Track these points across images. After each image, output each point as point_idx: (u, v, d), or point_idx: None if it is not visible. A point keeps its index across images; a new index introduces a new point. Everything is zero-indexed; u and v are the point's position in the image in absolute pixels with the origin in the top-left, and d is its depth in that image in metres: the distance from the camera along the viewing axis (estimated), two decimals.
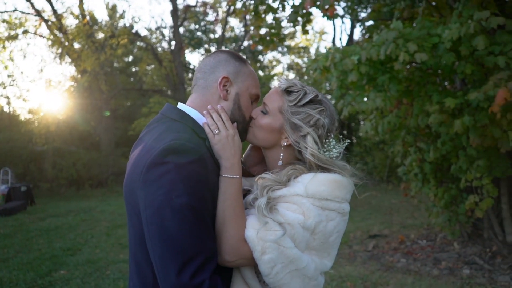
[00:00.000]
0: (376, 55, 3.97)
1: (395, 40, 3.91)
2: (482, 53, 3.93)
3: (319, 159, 1.23)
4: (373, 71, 4.21)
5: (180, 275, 1.00)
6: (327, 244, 1.19)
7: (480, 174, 4.89)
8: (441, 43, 3.95)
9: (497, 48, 3.92)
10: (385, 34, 4.01)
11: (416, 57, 3.82)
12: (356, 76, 4.12)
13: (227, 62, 1.27)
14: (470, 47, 3.93)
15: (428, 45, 3.86)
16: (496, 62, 3.86)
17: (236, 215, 1.12)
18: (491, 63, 3.90)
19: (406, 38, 3.92)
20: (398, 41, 3.88)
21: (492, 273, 4.73)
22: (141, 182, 1.07)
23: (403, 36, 3.90)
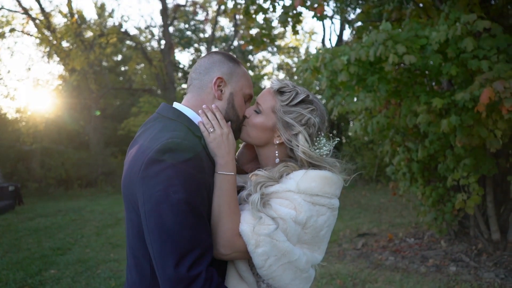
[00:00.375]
0: (366, 55, 4.04)
1: (384, 42, 3.98)
2: (467, 56, 4.03)
3: (310, 156, 1.27)
4: (362, 71, 4.27)
5: (177, 267, 1.04)
6: (318, 238, 1.24)
7: (466, 173, 5.00)
8: (429, 45, 4.03)
9: (481, 52, 4.02)
10: (374, 35, 4.08)
11: (405, 59, 3.90)
12: (346, 76, 4.18)
13: (221, 63, 1.31)
14: (457, 49, 4.02)
15: (416, 47, 3.94)
16: (479, 66, 3.96)
17: (231, 210, 1.17)
18: (475, 66, 4.00)
19: (395, 40, 3.99)
20: (387, 42, 3.95)
21: (477, 270, 4.84)
22: (140, 179, 1.11)
23: (392, 38, 3.97)
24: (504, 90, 3.51)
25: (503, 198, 5.91)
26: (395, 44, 3.93)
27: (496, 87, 3.53)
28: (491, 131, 4.23)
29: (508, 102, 3.54)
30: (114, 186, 15.76)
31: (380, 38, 3.97)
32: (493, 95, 3.51)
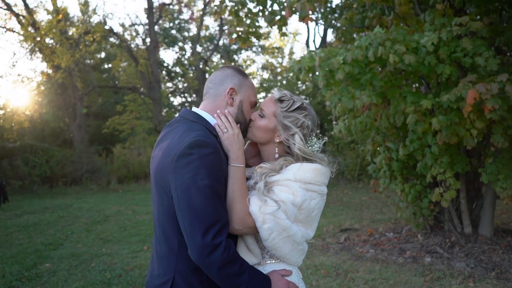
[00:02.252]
0: (361, 56, 4.31)
1: (383, 43, 4.25)
2: (459, 55, 4.35)
3: (304, 152, 1.57)
4: (357, 70, 4.53)
5: (204, 237, 1.32)
6: (310, 217, 1.53)
7: (443, 169, 5.38)
8: (422, 47, 4.33)
9: (470, 51, 4.36)
10: (370, 37, 4.34)
11: (405, 59, 4.17)
12: (342, 75, 4.42)
13: (233, 76, 1.59)
14: (448, 51, 4.33)
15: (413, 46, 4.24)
16: (472, 63, 4.30)
17: (242, 195, 1.44)
18: (468, 63, 4.34)
19: (393, 40, 4.27)
20: (386, 43, 4.23)
21: (450, 260, 5.22)
22: (172, 169, 1.37)
23: (390, 39, 4.25)
24: (486, 92, 3.87)
25: (475, 194, 6.33)
26: (393, 45, 4.20)
27: (479, 89, 3.87)
28: (467, 130, 4.60)
29: (489, 102, 3.90)
30: (99, 184, 15.79)
31: (380, 39, 4.24)
32: (477, 96, 3.85)
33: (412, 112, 4.64)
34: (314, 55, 4.46)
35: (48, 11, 17.51)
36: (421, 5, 5.94)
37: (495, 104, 3.86)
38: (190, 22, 25.66)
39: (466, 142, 4.61)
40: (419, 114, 4.67)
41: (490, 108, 3.90)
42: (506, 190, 5.03)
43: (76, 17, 19.90)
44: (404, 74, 4.79)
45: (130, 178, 16.79)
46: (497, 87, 3.87)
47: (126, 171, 16.97)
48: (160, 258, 1.49)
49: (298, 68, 4.65)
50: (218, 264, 1.32)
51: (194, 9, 25.02)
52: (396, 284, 4.41)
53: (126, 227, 7.86)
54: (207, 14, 24.29)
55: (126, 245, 6.36)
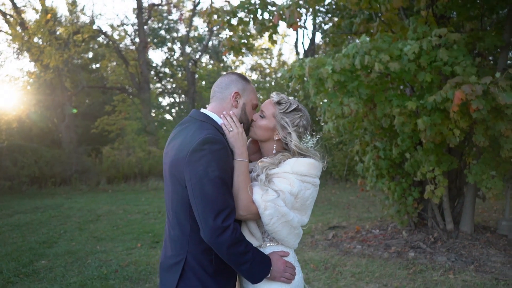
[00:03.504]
0: (348, 65, 4.55)
1: (368, 52, 4.50)
2: (439, 64, 4.62)
3: (300, 148, 1.78)
4: (344, 78, 4.78)
5: (215, 220, 1.52)
6: (305, 205, 1.75)
7: (432, 167, 5.65)
8: (405, 55, 4.58)
9: (450, 60, 4.63)
10: (356, 46, 4.58)
11: (390, 66, 4.43)
12: (331, 83, 4.67)
13: (237, 81, 1.80)
14: (428, 59, 4.60)
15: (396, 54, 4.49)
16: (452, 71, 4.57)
17: (246, 185, 1.64)
18: (448, 72, 4.61)
19: (378, 49, 4.52)
20: (372, 52, 4.48)
21: (432, 255, 5.48)
22: (186, 162, 1.57)
23: (375, 48, 4.50)
24: (471, 93, 4.13)
25: (457, 193, 6.64)
26: (378, 54, 4.45)
27: (465, 89, 4.13)
28: (450, 129, 4.88)
29: (474, 103, 4.16)
30: (88, 185, 15.77)
31: (365, 48, 4.48)
32: (464, 96, 4.11)
33: (398, 114, 4.89)
34: (304, 64, 4.69)
35: (36, 11, 17.45)
36: (406, 11, 6.22)
37: (479, 105, 4.13)
38: (179, 22, 25.72)
39: (449, 140, 4.88)
40: (405, 116, 4.92)
41: (475, 108, 4.17)
42: (491, 190, 5.32)
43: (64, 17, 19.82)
44: (390, 78, 5.04)
45: (119, 179, 16.81)
46: (481, 88, 4.14)
47: (116, 172, 16.97)
48: (174, 241, 1.68)
49: (289, 76, 4.87)
50: (227, 244, 1.52)
51: (184, 10, 25.09)
52: (381, 276, 4.64)
53: (119, 226, 7.97)
54: (197, 15, 24.42)
55: (120, 243, 6.49)
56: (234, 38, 5.87)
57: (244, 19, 5.74)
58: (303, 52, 21.35)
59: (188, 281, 1.61)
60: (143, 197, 12.76)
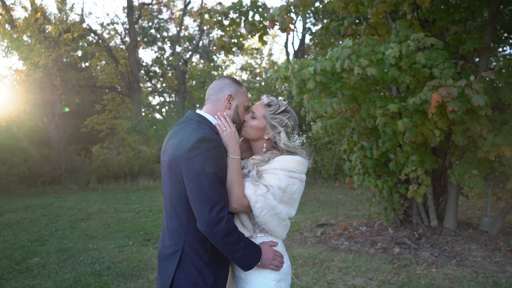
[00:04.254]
0: (331, 67, 4.73)
1: (349, 56, 4.68)
2: (418, 67, 4.81)
3: (288, 146, 1.93)
4: (326, 80, 4.96)
5: (210, 212, 1.65)
6: (292, 199, 1.89)
7: (415, 167, 5.85)
8: (386, 59, 4.77)
9: (428, 62, 4.82)
10: (339, 50, 4.77)
11: (368, 71, 4.61)
12: (313, 84, 4.84)
13: (231, 85, 1.93)
14: (409, 62, 4.79)
15: (376, 59, 4.67)
16: (431, 73, 4.76)
17: (238, 180, 1.77)
18: (426, 74, 4.80)
19: (357, 54, 4.70)
20: (352, 56, 4.65)
21: (417, 250, 5.68)
22: (184, 159, 1.70)
23: (355, 52, 4.69)
24: (447, 95, 4.32)
25: (441, 191, 6.85)
26: (358, 58, 4.64)
27: (441, 92, 4.32)
28: (431, 130, 5.07)
29: (450, 105, 4.35)
30: (78, 184, 15.74)
31: (346, 53, 4.67)
32: (440, 99, 4.30)
33: (380, 115, 5.08)
34: (289, 65, 4.85)
35: (25, 9, 17.33)
36: (393, 15, 6.41)
37: (455, 106, 4.32)
38: (170, 22, 25.72)
39: (430, 141, 5.08)
40: (387, 117, 5.11)
41: (451, 110, 4.36)
42: (473, 189, 5.53)
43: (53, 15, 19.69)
44: (373, 80, 5.22)
45: (109, 178, 16.80)
46: (457, 91, 4.34)
47: (106, 171, 16.96)
48: (171, 231, 1.81)
49: (276, 76, 5.03)
50: (222, 233, 1.66)
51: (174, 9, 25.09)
52: (367, 271, 4.82)
53: (110, 224, 8.04)
54: (187, 15, 24.45)
55: (112, 241, 6.57)
56: (225, 38, 6.01)
57: (235, 19, 5.88)
58: (293, 53, 21.54)
59: (185, 269, 1.75)
60: (133, 196, 12.80)
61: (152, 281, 4.57)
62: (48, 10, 22.17)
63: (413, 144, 5.75)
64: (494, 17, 5.67)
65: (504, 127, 5.10)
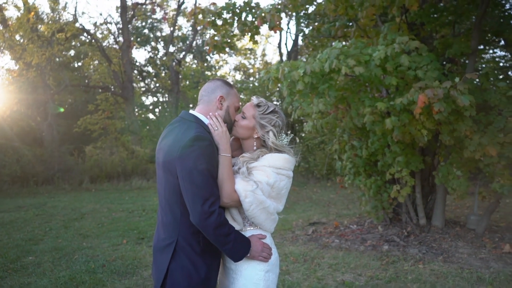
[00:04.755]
0: (319, 68, 4.86)
1: (337, 56, 4.81)
2: (403, 69, 4.96)
3: (276, 145, 2.04)
4: (315, 81, 5.09)
5: (203, 206, 1.76)
6: (280, 194, 2.00)
7: (400, 168, 6.00)
8: (372, 60, 4.91)
9: (413, 65, 4.96)
10: (329, 51, 4.90)
11: (355, 70, 4.75)
12: (302, 85, 4.97)
13: (222, 87, 2.04)
14: (394, 64, 4.93)
15: (363, 60, 4.82)
16: (416, 75, 4.91)
17: (229, 177, 1.88)
18: (411, 76, 4.94)
19: (346, 54, 4.84)
20: (340, 57, 4.79)
21: (405, 247, 5.82)
22: (178, 156, 1.80)
23: (343, 53, 4.82)
24: (433, 96, 4.46)
25: (430, 190, 7.01)
26: (346, 58, 4.77)
27: (427, 93, 4.46)
28: (418, 130, 5.22)
29: (436, 106, 4.49)
30: (71, 184, 15.72)
31: (334, 54, 4.80)
32: (426, 100, 4.44)
33: (369, 113, 5.22)
34: (280, 67, 4.98)
35: (18, 8, 17.28)
36: (383, 17, 6.56)
37: (441, 107, 4.47)
38: (163, 22, 25.74)
39: (418, 140, 5.23)
40: (376, 116, 5.25)
41: (437, 110, 4.51)
42: (456, 191, 5.70)
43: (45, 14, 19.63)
44: (362, 81, 5.36)
45: (103, 178, 16.79)
46: (443, 92, 4.48)
47: (99, 171, 16.96)
48: (166, 225, 1.91)
49: (267, 78, 5.16)
50: (213, 226, 1.77)
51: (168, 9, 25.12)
52: (356, 267, 4.95)
53: (104, 224, 8.09)
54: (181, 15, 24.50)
55: (106, 240, 6.64)
56: (218, 37, 6.12)
57: (228, 20, 6.00)
58: (286, 53, 21.67)
59: (179, 260, 1.85)
60: (126, 196, 12.85)
61: (146, 278, 4.66)
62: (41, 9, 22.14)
63: (401, 145, 5.91)
64: (480, 21, 5.83)
65: (489, 128, 5.27)
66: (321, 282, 4.46)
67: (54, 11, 20.78)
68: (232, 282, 1.98)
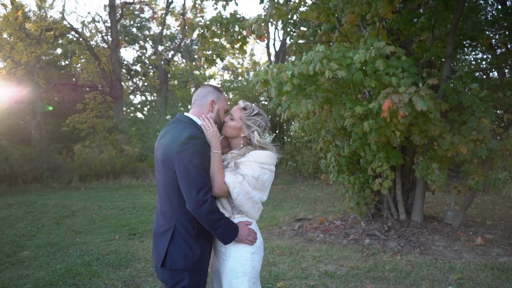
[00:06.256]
0: (306, 70, 5.14)
1: (321, 60, 5.11)
2: (381, 73, 5.28)
3: (260, 143, 2.32)
4: (303, 82, 5.38)
5: (197, 195, 2.03)
6: (264, 186, 2.28)
7: (381, 163, 6.33)
8: (353, 64, 5.22)
9: (391, 70, 5.28)
10: (313, 54, 5.19)
11: (338, 74, 5.05)
12: (290, 87, 5.25)
13: (213, 92, 2.33)
14: (373, 68, 5.25)
15: (345, 64, 5.12)
16: (390, 81, 5.23)
17: (220, 170, 2.15)
18: (387, 81, 5.27)
19: (329, 58, 5.14)
20: (323, 60, 5.08)
21: (385, 241, 6.16)
22: (175, 153, 2.07)
23: (326, 57, 5.12)
24: (399, 102, 4.78)
25: (410, 187, 7.37)
26: (329, 62, 5.07)
27: (393, 99, 4.78)
28: (393, 131, 5.55)
29: (402, 110, 4.81)
30: (60, 182, 15.79)
31: (318, 57, 5.10)
32: (391, 105, 4.76)
33: (349, 116, 5.53)
34: (269, 69, 5.25)
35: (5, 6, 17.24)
36: (365, 22, 6.88)
37: (405, 111, 4.79)
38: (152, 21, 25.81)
39: (392, 141, 5.56)
40: (355, 118, 5.57)
41: (402, 115, 4.83)
42: (435, 182, 6.05)
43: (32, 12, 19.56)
44: (345, 84, 5.66)
45: (92, 176, 16.88)
46: (408, 97, 4.81)
47: (88, 169, 17.03)
48: (164, 213, 2.18)
49: (256, 80, 5.43)
50: (206, 212, 2.04)
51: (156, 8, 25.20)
52: (338, 259, 5.26)
53: (95, 221, 8.28)
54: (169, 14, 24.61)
55: (99, 235, 6.84)
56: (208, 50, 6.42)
57: (216, 32, 6.28)
58: (275, 54, 21.97)
59: (177, 243, 2.13)
60: (116, 194, 13.00)
61: (140, 270, 4.90)
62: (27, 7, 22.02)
63: (379, 143, 6.25)
64: (455, 26, 6.18)
65: (462, 127, 5.63)
66: (305, 272, 4.75)
67: (40, 9, 20.73)
68: (222, 263, 2.26)
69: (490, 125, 5.41)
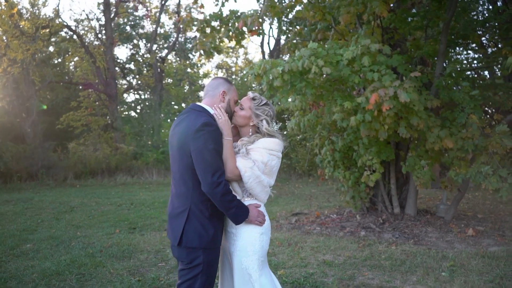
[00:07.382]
0: (296, 67, 5.31)
1: (309, 57, 5.29)
2: (366, 70, 5.46)
3: (268, 131, 2.47)
4: (293, 79, 5.55)
5: (212, 177, 2.17)
6: (272, 171, 2.44)
7: (372, 157, 6.52)
8: (342, 60, 5.39)
9: (375, 67, 5.46)
10: (303, 51, 5.38)
11: (324, 70, 5.23)
12: (280, 82, 5.43)
13: (224, 84, 2.48)
14: (360, 64, 5.43)
15: (333, 61, 5.29)
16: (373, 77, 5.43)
17: (232, 156, 2.30)
18: (370, 77, 5.45)
19: (316, 55, 5.32)
20: (311, 58, 5.26)
21: (380, 233, 6.35)
22: (191, 138, 2.21)
23: (314, 54, 5.30)
24: (384, 95, 4.97)
25: (404, 181, 7.57)
26: (316, 59, 5.25)
27: (380, 93, 4.98)
28: (382, 125, 5.73)
29: (387, 103, 5.00)
30: (55, 180, 15.81)
31: (306, 54, 5.28)
32: (378, 99, 4.95)
33: (338, 111, 5.72)
34: (262, 63, 5.43)
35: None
36: (361, 21, 7.06)
37: (390, 105, 4.98)
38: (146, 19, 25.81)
39: (380, 135, 5.74)
40: (345, 113, 5.76)
41: (386, 108, 5.02)
42: (419, 179, 6.26)
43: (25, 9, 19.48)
44: (335, 80, 5.84)
45: (87, 174, 16.92)
46: (393, 91, 5.00)
47: (83, 167, 17.07)
48: (179, 196, 2.33)
49: (250, 73, 5.60)
50: (220, 193, 2.19)
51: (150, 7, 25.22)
52: (336, 249, 5.43)
53: (94, 216, 8.38)
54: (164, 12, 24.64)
55: (99, 229, 6.95)
56: (207, 43, 6.55)
57: (216, 27, 6.43)
58: (269, 52, 22.12)
59: (192, 223, 2.27)
60: (112, 191, 13.07)
61: (143, 260, 5.03)
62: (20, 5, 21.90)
63: (371, 138, 6.43)
64: (448, 25, 6.38)
65: (453, 124, 5.83)
66: (304, 261, 4.92)
67: (33, 6, 20.65)
68: (232, 244, 2.41)
69: (478, 122, 5.59)
